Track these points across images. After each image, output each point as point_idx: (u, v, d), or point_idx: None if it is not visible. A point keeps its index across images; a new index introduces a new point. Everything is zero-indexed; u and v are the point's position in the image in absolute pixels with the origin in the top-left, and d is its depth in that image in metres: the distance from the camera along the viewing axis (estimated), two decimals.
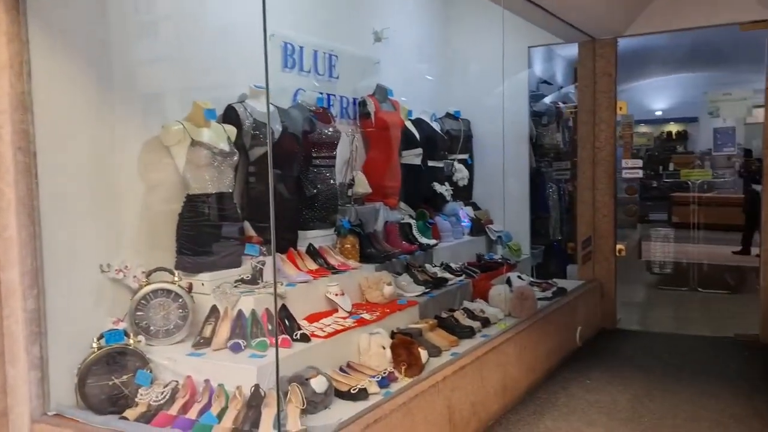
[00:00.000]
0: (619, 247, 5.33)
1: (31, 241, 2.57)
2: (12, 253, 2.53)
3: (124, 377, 2.71)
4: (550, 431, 3.29)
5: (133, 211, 3.03)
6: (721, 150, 5.20)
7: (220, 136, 3.22)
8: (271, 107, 3.61)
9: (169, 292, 2.95)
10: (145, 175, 3.07)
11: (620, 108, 5.28)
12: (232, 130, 3.31)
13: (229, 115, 3.40)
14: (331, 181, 3.99)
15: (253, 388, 2.54)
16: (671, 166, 8.44)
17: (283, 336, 2.91)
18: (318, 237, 3.88)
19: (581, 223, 5.51)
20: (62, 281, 2.69)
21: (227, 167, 3.21)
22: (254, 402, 2.50)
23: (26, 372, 2.56)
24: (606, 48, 5.30)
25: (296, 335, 2.97)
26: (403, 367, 3.05)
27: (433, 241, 4.66)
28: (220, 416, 2.49)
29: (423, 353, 3.14)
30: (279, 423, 2.29)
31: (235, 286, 3.14)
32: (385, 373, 2.98)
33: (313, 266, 3.63)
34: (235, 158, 3.26)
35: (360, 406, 2.69)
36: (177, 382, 2.69)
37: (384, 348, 3.17)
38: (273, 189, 2.47)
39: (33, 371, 2.58)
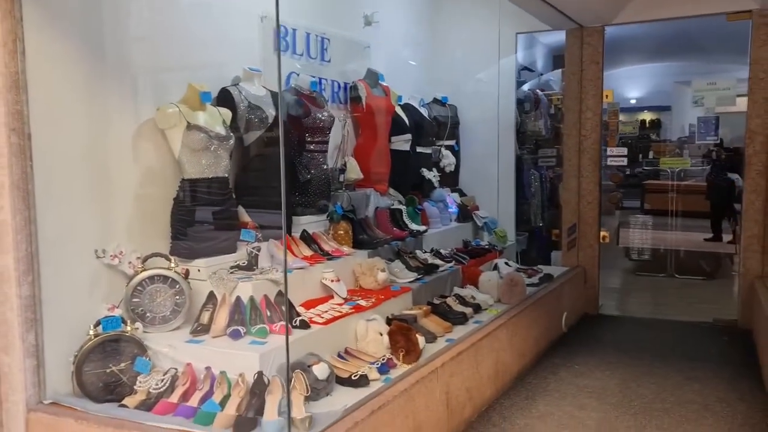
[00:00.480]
0: (602, 233, 5.42)
1: (25, 225, 2.49)
2: (6, 239, 2.46)
3: (122, 365, 2.66)
4: (543, 415, 3.34)
5: (127, 196, 2.97)
6: (704, 138, 5.30)
7: (215, 119, 3.16)
8: (264, 91, 3.56)
9: (165, 278, 2.90)
10: (139, 159, 3.01)
11: (606, 96, 5.34)
12: (227, 114, 3.25)
13: (224, 98, 3.34)
14: (324, 167, 3.96)
15: (256, 375, 2.52)
16: (650, 154, 8.57)
17: (282, 323, 2.89)
18: (310, 223, 3.85)
19: (566, 210, 5.57)
20: (57, 267, 2.62)
21: (223, 151, 3.15)
22: (258, 389, 2.49)
23: (21, 360, 2.50)
24: (594, 36, 5.34)
25: (295, 322, 2.96)
26: (401, 354, 3.06)
27: (422, 227, 4.67)
28: (222, 404, 2.47)
29: (420, 339, 3.16)
30: (289, 409, 2.27)
31: (232, 272, 3.10)
32: (383, 359, 2.99)
33: (308, 252, 3.61)
34: (231, 142, 3.20)
35: (361, 392, 2.69)
36: (176, 369, 2.66)
37: (381, 334, 3.18)
38: (285, 172, 2.43)
39: (28, 359, 2.52)
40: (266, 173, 3.47)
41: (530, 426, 3.22)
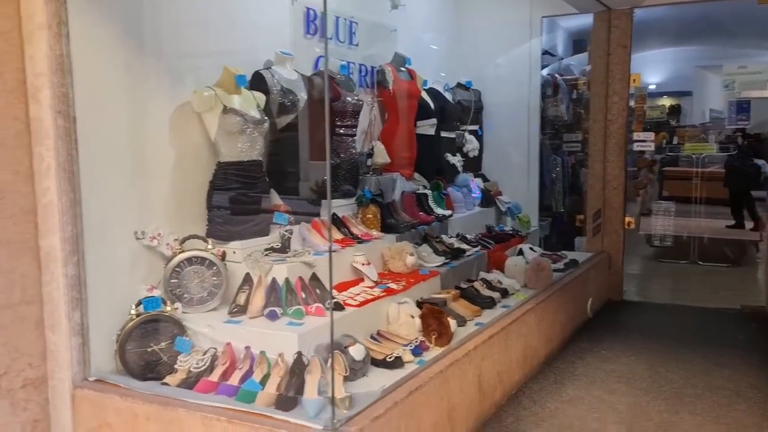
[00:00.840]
0: (628, 219, 5.40)
1: (71, 207, 2.54)
2: (53, 220, 2.51)
3: (162, 344, 2.72)
4: (573, 399, 3.37)
5: (165, 178, 3.01)
6: (735, 123, 5.24)
7: (249, 103, 3.18)
8: (296, 75, 3.58)
9: (203, 259, 2.95)
10: (176, 142, 3.04)
11: (634, 80, 5.29)
12: (261, 97, 3.27)
13: (257, 82, 3.36)
14: (353, 151, 3.97)
15: (295, 355, 2.56)
16: (675, 140, 8.48)
17: (317, 304, 2.93)
18: (338, 207, 3.88)
19: (591, 195, 5.55)
20: (100, 248, 2.67)
21: (258, 135, 3.18)
22: (297, 368, 2.53)
23: (68, 338, 2.56)
24: (622, 18, 5.28)
25: (329, 304, 2.99)
26: (434, 337, 3.09)
27: (448, 212, 4.68)
28: (263, 382, 2.52)
29: (452, 323, 3.19)
30: (333, 389, 2.32)
31: (266, 255, 3.14)
32: (416, 341, 3.02)
33: (338, 236, 3.64)
34: (266, 125, 3.23)
35: (396, 373, 2.73)
36: (216, 349, 2.71)
37: (413, 317, 3.21)
38: (329, 154, 2.45)
39: (74, 337, 2.58)
40: (297, 157, 3.50)
41: (560, 410, 3.25)
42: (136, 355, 2.68)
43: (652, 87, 12.56)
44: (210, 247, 2.99)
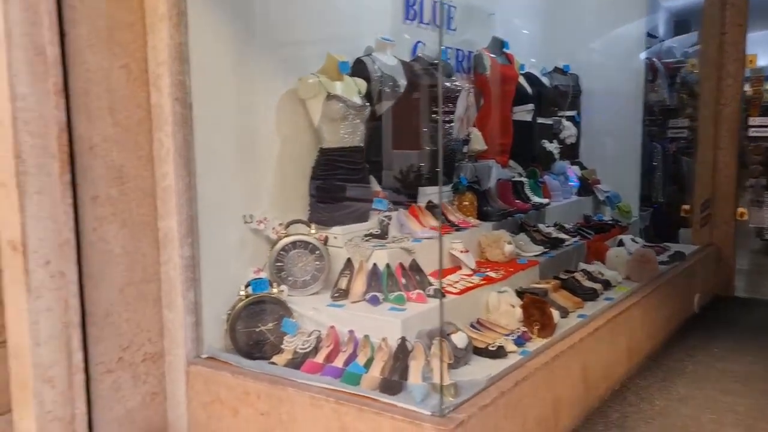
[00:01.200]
0: (740, 210, 5.05)
1: (187, 190, 2.65)
2: (170, 202, 2.63)
3: (270, 325, 2.80)
4: (684, 398, 3.20)
5: (270, 164, 3.09)
6: None
7: (351, 89, 3.20)
8: (395, 61, 3.57)
9: (306, 243, 3.01)
10: (281, 129, 3.11)
11: (750, 61, 4.91)
12: (362, 84, 3.29)
13: (358, 68, 3.37)
14: (450, 137, 3.92)
15: (399, 341, 2.57)
16: None
17: (418, 291, 2.92)
18: (433, 194, 3.84)
19: (699, 184, 5.22)
20: (212, 230, 2.78)
21: (359, 121, 3.20)
22: (401, 353, 2.53)
23: (183, 316, 2.68)
24: None
25: (429, 291, 2.98)
26: (536, 327, 3.01)
27: (545, 200, 4.55)
28: (366, 366, 2.53)
29: (555, 314, 3.09)
30: (441, 376, 2.30)
31: (366, 240, 3.16)
32: (519, 331, 2.95)
33: (435, 222, 3.61)
34: (367, 112, 3.24)
35: (498, 363, 2.67)
36: (319, 331, 2.76)
37: (513, 306, 3.14)
38: (441, 140, 2.42)
39: (188, 316, 2.70)
40: (396, 143, 3.50)
41: (671, 408, 3.09)
42: (244, 335, 2.77)
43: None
44: (313, 231, 3.05)
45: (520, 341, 2.87)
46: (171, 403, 2.75)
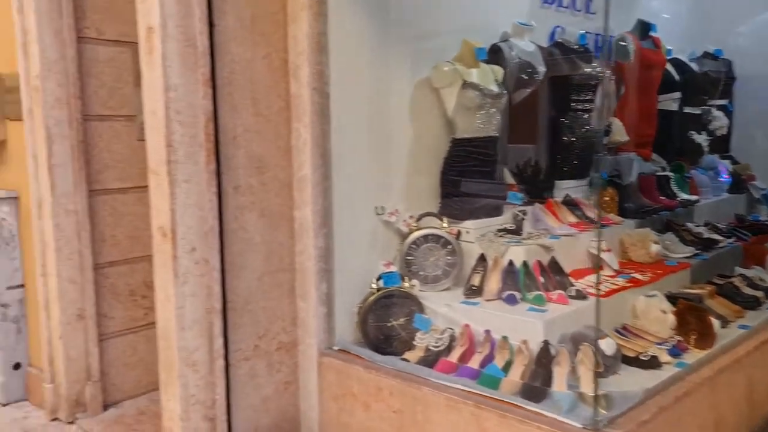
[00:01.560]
0: None
1: (322, 181, 2.63)
2: (306, 192, 2.62)
3: (401, 320, 2.73)
4: None
5: (402, 155, 3.01)
6: None
7: (488, 76, 3.05)
8: (533, 46, 3.37)
9: (438, 237, 2.90)
10: (413, 119, 3.02)
11: None
12: (498, 71, 3.12)
13: (494, 55, 3.21)
14: (589, 127, 3.65)
15: (542, 344, 2.39)
16: None
17: (559, 291, 2.72)
18: (569, 188, 3.60)
19: None
20: (345, 221, 2.75)
21: (495, 110, 3.04)
22: (544, 358, 2.36)
23: (315, 307, 2.68)
24: None
25: (571, 292, 2.77)
26: (693, 337, 2.70)
27: (693, 197, 4.14)
28: (505, 369, 2.39)
29: (715, 323, 2.76)
30: (594, 382, 2.12)
31: (500, 236, 3.00)
32: (672, 340, 2.67)
33: (572, 219, 3.37)
34: (504, 100, 3.08)
35: (651, 375, 2.42)
36: (453, 329, 2.65)
37: (665, 313, 2.85)
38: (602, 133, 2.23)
39: (321, 307, 2.69)
40: (534, 134, 3.31)
41: None
42: (376, 329, 2.72)
43: None
44: (445, 225, 2.94)
45: (675, 351, 2.59)
46: (303, 393, 2.76)
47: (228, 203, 2.47)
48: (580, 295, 2.77)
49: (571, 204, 3.46)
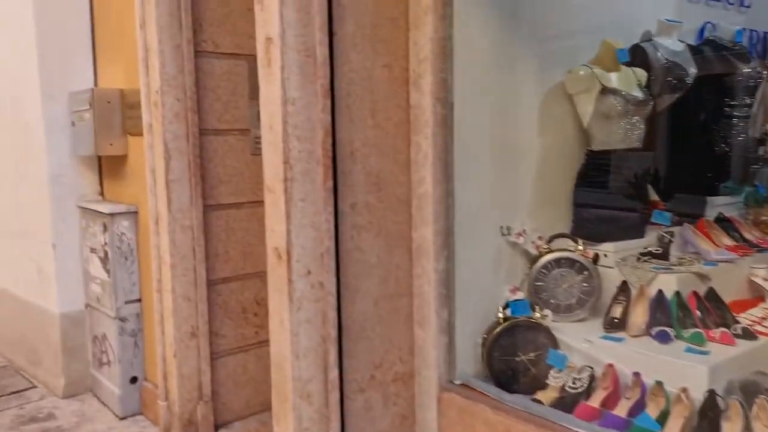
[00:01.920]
0: None
1: (444, 198, 2.40)
2: (426, 211, 2.40)
3: (531, 354, 2.44)
4: None
5: (530, 169, 2.73)
6: None
7: (630, 80, 2.71)
8: (682, 46, 2.97)
9: (572, 261, 2.59)
10: (543, 129, 2.73)
11: None
12: (642, 74, 2.77)
13: (636, 56, 2.86)
14: (745, 136, 3.18)
15: (707, 394, 2.02)
16: None
17: (722, 329, 2.32)
18: (721, 206, 3.15)
19: None
20: (468, 242, 2.50)
21: (639, 118, 2.69)
22: (710, 412, 1.99)
23: (435, 336, 2.44)
24: None
25: (736, 329, 2.36)
26: None
27: None
28: (660, 421, 2.04)
29: None
30: None
31: (645, 261, 2.64)
32: None
33: (729, 241, 2.93)
34: (649, 107, 2.72)
35: None
36: (592, 368, 2.32)
37: None
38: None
39: (442, 335, 2.45)
40: (681, 144, 2.91)
41: None
42: (502, 363, 2.45)
43: None
44: (580, 247, 2.62)
45: None
46: (420, 429, 2.53)
47: (344, 223, 2.30)
48: (748, 334, 2.35)
49: (725, 223, 3.02)
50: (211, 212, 3.02)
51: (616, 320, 2.46)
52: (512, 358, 2.44)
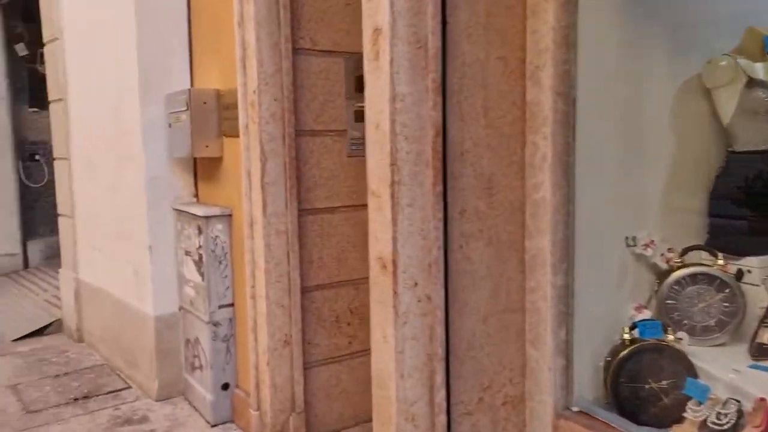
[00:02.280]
0: None
1: (564, 204, 2.16)
2: (544, 218, 2.17)
3: (663, 382, 2.15)
4: None
5: (658, 172, 2.44)
6: None
7: None
8: None
9: (712, 278, 2.28)
10: (676, 127, 2.43)
11: None
12: None
13: None
14: None
15: None
16: None
17: None
18: None
19: None
20: (590, 254, 2.24)
21: None
22: None
23: (551, 357, 2.20)
24: None
25: None
26: None
27: None
28: None
29: None
30: None
31: None
32: None
33: None
34: None
35: None
36: (739, 402, 2.00)
37: None
38: None
39: (558, 357, 2.20)
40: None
41: None
42: (628, 390, 2.17)
43: None
44: (720, 261, 2.30)
45: None
46: None
47: (453, 230, 2.10)
48: None
49: None
50: (306, 216, 2.91)
51: (765, 347, 2.13)
52: (640, 386, 2.16)
